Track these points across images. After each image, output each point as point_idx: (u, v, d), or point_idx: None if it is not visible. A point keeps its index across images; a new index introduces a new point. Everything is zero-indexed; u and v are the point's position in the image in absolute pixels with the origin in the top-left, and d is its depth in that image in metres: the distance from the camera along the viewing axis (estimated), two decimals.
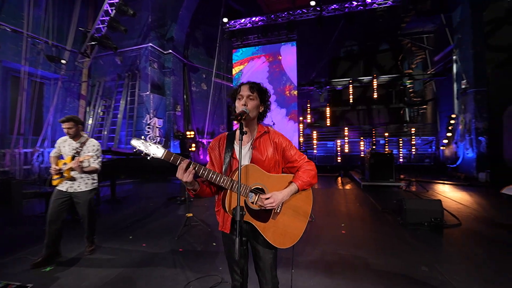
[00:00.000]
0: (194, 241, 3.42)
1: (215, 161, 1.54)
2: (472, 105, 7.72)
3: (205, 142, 11.47)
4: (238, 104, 1.44)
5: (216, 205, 1.57)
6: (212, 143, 1.60)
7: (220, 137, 1.59)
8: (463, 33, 8.14)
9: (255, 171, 1.38)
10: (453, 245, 3.18)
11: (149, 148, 1.30)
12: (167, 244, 3.33)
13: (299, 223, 1.44)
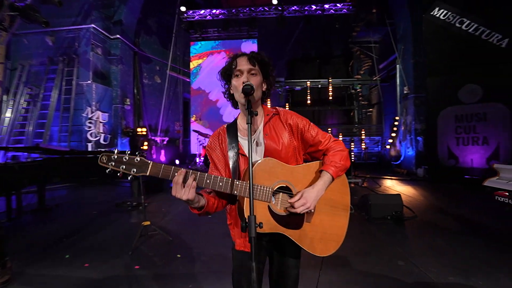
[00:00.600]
0: (154, 255, 2.88)
1: (218, 163, 1.18)
2: (412, 109, 8.71)
3: (159, 140, 10.46)
4: (237, 83, 1.10)
5: (228, 218, 1.22)
6: (211, 141, 1.24)
7: (218, 132, 1.24)
8: (405, 44, 9.13)
9: (275, 166, 1.07)
10: (417, 236, 3.36)
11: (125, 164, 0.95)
12: (119, 262, 2.72)
13: (340, 219, 1.17)
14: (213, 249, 3.03)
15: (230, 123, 1.24)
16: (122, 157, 0.94)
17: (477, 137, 6.59)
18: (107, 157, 0.94)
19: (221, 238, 3.34)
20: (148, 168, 0.95)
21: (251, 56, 1.10)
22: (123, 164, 0.94)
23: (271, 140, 1.13)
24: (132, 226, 3.85)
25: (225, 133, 1.20)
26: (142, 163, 0.95)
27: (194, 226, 3.86)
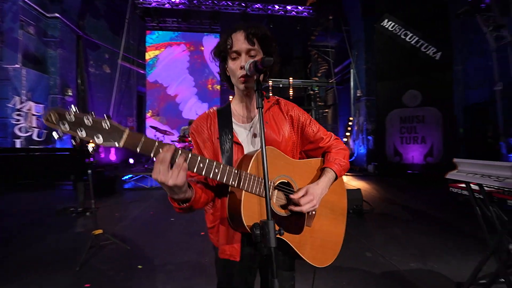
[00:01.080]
0: (109, 268, 2.49)
1: (204, 150, 1.00)
2: (364, 110, 9.51)
3: None
4: (234, 66, 0.93)
5: (210, 220, 1.03)
6: (197, 123, 1.04)
7: (207, 115, 1.05)
8: (358, 51, 9.91)
9: (277, 157, 0.93)
10: (377, 228, 3.61)
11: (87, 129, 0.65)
12: (65, 280, 2.27)
13: (338, 225, 1.07)
14: (180, 256, 2.76)
15: (222, 107, 1.07)
16: (83, 118, 0.64)
17: (417, 137, 7.49)
18: (58, 115, 0.62)
19: (188, 242, 3.08)
20: (123, 137, 0.67)
21: (250, 33, 0.92)
22: (84, 127, 0.64)
23: (271, 130, 1.00)
24: (78, 237, 3.29)
25: (215, 117, 1.02)
26: (114, 129, 0.67)
27: (155, 231, 3.49)
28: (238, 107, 1.05)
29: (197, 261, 2.62)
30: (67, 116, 0.62)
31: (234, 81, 0.98)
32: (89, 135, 0.64)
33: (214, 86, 10.71)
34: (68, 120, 0.63)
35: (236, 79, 0.94)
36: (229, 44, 0.93)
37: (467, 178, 1.84)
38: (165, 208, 4.66)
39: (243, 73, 0.90)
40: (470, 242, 2.94)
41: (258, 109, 0.79)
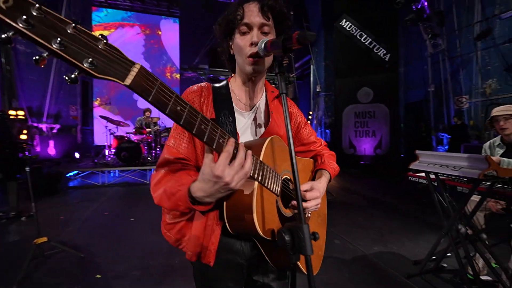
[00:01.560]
0: (59, 282, 2.13)
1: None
2: (323, 105, 10.03)
3: (45, 128, 8.05)
4: (243, 42, 0.79)
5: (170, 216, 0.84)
6: (187, 97, 0.85)
7: (200, 89, 0.87)
8: (318, 48, 10.33)
9: (282, 149, 0.83)
10: (341, 216, 3.84)
11: (68, 39, 0.40)
12: None
13: (323, 229, 1.04)
14: (146, 259, 2.51)
15: (217, 85, 0.91)
16: (65, 22, 0.40)
17: (368, 131, 8.22)
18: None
19: (154, 243, 2.83)
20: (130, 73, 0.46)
21: (265, 4, 0.79)
22: (65, 36, 0.39)
23: (275, 122, 0.89)
24: (13, 247, 2.75)
25: (210, 94, 0.86)
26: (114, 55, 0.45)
27: (113, 234, 3.13)
28: (239, 91, 0.91)
29: (167, 264, 2.42)
30: (32, 11, 0.37)
31: (240, 61, 0.84)
32: (69, 52, 0.39)
33: (173, 75, 10.02)
34: (35, 16, 0.37)
35: (243, 58, 0.81)
36: (239, 15, 0.79)
37: (427, 168, 2.04)
38: (122, 207, 4.23)
39: (253, 51, 0.78)
40: (418, 224, 3.34)
41: (282, 94, 0.69)
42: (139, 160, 6.19)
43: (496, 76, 7.82)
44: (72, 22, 0.40)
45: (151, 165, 6.23)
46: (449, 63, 8.75)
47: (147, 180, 6.13)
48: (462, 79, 8.61)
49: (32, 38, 0.37)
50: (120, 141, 6.11)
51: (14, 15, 0.35)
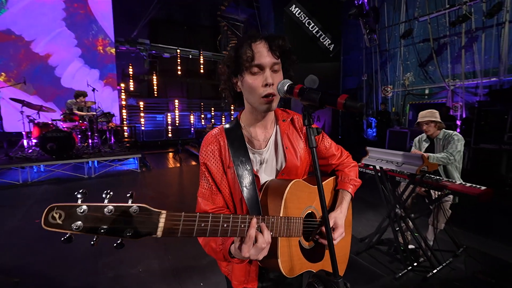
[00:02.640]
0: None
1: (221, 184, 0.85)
2: None
3: None
4: (255, 82, 0.77)
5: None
6: (208, 149, 0.86)
7: (216, 138, 0.87)
8: (268, 31, 10.28)
9: (302, 189, 0.86)
10: None
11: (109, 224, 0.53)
12: None
13: (347, 237, 1.08)
14: (105, 272, 2.29)
15: (229, 127, 0.90)
16: (102, 210, 0.50)
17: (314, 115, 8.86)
18: (65, 213, 0.49)
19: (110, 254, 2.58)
20: (159, 221, 0.55)
21: (274, 44, 0.78)
22: (105, 222, 0.51)
23: (290, 155, 0.90)
24: None
25: (225, 139, 0.86)
26: (145, 214, 0.54)
27: (51, 246, 2.71)
28: (252, 128, 0.90)
29: (133, 274, 2.27)
30: (77, 213, 0.49)
31: (252, 100, 0.81)
32: (113, 231, 0.52)
33: (107, 49, 8.60)
34: (80, 216, 0.50)
35: (257, 98, 0.79)
36: (249, 56, 0.75)
37: (377, 163, 2.38)
38: None
39: (268, 91, 0.77)
40: (361, 205, 3.90)
41: (312, 148, 0.69)
42: (72, 151, 5.33)
43: (413, 70, 9.28)
44: (107, 206, 0.51)
45: (88, 157, 5.44)
46: (379, 56, 9.95)
47: (84, 174, 5.37)
48: (389, 71, 9.94)
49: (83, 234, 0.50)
50: (45, 130, 5.09)
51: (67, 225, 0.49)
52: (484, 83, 7.29)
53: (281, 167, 0.90)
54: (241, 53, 0.77)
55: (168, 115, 10.01)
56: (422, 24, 8.57)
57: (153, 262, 2.43)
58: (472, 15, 7.04)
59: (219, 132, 0.88)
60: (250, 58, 0.76)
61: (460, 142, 2.42)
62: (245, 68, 0.78)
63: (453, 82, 8.01)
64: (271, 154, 0.91)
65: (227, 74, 0.84)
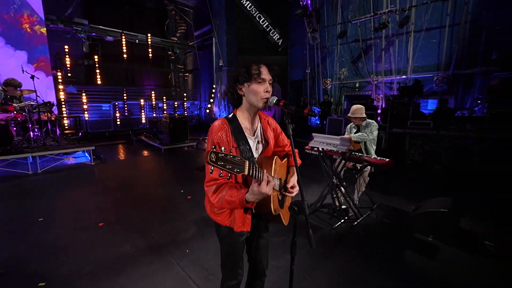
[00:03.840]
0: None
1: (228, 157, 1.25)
2: (226, 79, 10.56)
3: None
4: (259, 89, 1.25)
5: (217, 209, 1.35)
6: (219, 135, 1.26)
7: (222, 126, 1.28)
8: (219, 20, 10.39)
9: (277, 163, 1.38)
10: None
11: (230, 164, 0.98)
12: None
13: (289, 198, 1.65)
14: (90, 254, 2.51)
15: (230, 118, 1.33)
16: (227, 156, 0.96)
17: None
18: (216, 155, 0.93)
19: (90, 238, 2.77)
20: (245, 166, 1.01)
21: (271, 69, 1.29)
22: (228, 163, 0.95)
23: (267, 142, 1.43)
24: None
25: (229, 128, 1.28)
26: (241, 161, 1.00)
27: (24, 232, 2.73)
28: (245, 121, 1.36)
29: (122, 251, 2.54)
30: (220, 156, 0.95)
31: (253, 99, 1.28)
32: (231, 169, 0.96)
33: (36, 28, 7.48)
34: (221, 158, 0.95)
35: (258, 98, 1.26)
36: (257, 72, 1.24)
37: (320, 145, 3.13)
38: (12, 209, 3.48)
39: (266, 96, 1.26)
40: (307, 180, 4.76)
41: (289, 136, 1.23)
42: (10, 146, 4.82)
43: (346, 66, 10.76)
44: (230, 155, 0.96)
45: (31, 151, 4.99)
46: (320, 52, 11.17)
47: (28, 170, 4.94)
48: (328, 65, 11.28)
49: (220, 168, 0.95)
50: None
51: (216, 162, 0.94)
52: (398, 80, 9.09)
53: (262, 149, 1.42)
54: (251, 70, 1.24)
55: (116, 104, 9.37)
56: (354, 26, 9.97)
57: (139, 241, 2.73)
58: (389, 24, 8.60)
59: (224, 122, 1.30)
60: (258, 73, 1.23)
61: (375, 127, 3.33)
62: (254, 79, 1.24)
63: (376, 78, 9.69)
64: (256, 139, 1.41)
65: (237, 80, 1.29)
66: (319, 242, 2.74)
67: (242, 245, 1.42)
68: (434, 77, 8.31)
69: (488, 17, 7.14)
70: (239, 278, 1.45)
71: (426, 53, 8.45)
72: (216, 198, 1.22)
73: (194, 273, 2.24)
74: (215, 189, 1.21)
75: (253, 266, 1.56)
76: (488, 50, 7.24)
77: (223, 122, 1.31)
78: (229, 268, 1.44)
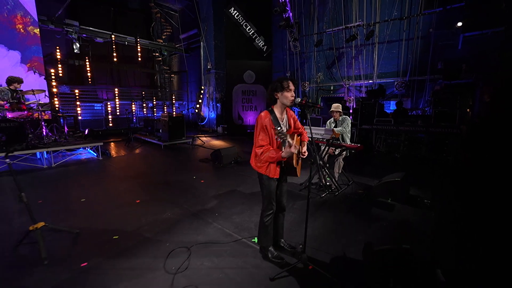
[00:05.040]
0: (82, 252, 2.58)
1: (269, 134, 2.16)
2: (214, 81, 11.30)
3: None
4: (289, 94, 2.17)
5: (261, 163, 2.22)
6: (266, 121, 2.15)
7: (267, 115, 2.18)
8: (208, 26, 11.10)
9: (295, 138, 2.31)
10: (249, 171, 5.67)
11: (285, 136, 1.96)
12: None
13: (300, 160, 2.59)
14: (139, 222, 3.23)
15: (270, 111, 2.22)
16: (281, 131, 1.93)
17: (252, 106, 10.51)
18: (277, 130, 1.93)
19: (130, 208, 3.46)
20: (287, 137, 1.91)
21: (293, 84, 2.19)
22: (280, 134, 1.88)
23: (290, 126, 2.35)
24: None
25: (270, 116, 2.19)
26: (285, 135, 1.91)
27: (77, 207, 3.35)
28: (279, 113, 2.26)
29: (165, 217, 3.28)
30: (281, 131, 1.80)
31: (285, 101, 2.18)
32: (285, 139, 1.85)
33: (29, 29, 7.62)
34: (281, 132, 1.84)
35: (288, 100, 2.17)
36: (286, 85, 2.14)
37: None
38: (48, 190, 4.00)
39: (292, 98, 2.18)
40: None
41: (309, 119, 2.16)
42: (26, 142, 5.18)
43: (322, 70, 12.05)
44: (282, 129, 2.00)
45: (44, 147, 5.38)
46: (299, 57, 12.36)
47: (43, 164, 5.33)
48: (306, 70, 12.50)
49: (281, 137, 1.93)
50: None
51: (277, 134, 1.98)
52: (365, 84, 10.55)
53: (286, 130, 2.35)
54: (283, 84, 2.15)
55: (108, 104, 9.65)
56: (328, 36, 11.28)
57: (176, 210, 3.49)
58: (358, 36, 10.00)
59: (267, 113, 2.19)
60: (287, 86, 2.14)
61: (349, 122, 4.40)
62: (285, 89, 2.15)
63: (348, 82, 11.08)
64: (285, 123, 2.33)
65: (272, 91, 2.19)
66: (309, 206, 3.72)
67: (274, 187, 2.32)
68: (394, 82, 9.86)
69: (434, 35, 8.78)
70: (273, 209, 2.35)
71: (388, 62, 9.98)
72: (263, 155, 2.12)
73: (226, 226, 3.08)
74: (263, 150, 2.11)
75: (278, 203, 2.47)
76: (435, 61, 8.89)
77: (267, 113, 2.21)
78: (267, 202, 2.33)
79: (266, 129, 2.17)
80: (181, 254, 2.50)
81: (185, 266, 2.31)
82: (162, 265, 2.32)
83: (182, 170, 5.52)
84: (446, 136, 6.47)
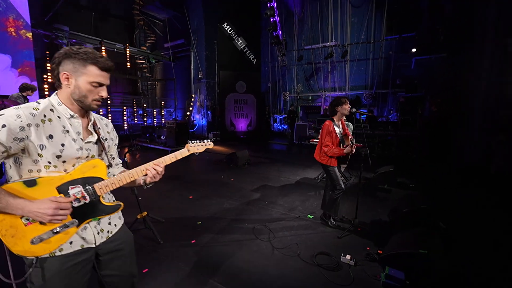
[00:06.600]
0: (176, 234, 3.12)
1: (332, 136, 3.06)
2: (205, 90, 11.82)
3: None
4: (347, 106, 3.12)
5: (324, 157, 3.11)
6: (331, 128, 3.07)
7: (331, 123, 3.10)
8: (198, 38, 11.65)
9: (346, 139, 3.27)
10: (255, 169, 6.48)
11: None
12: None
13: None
14: (202, 206, 3.82)
15: (331, 119, 3.15)
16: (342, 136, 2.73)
17: (243, 113, 11.30)
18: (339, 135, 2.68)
19: (216, 193, 4.01)
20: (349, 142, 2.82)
21: (348, 98, 3.18)
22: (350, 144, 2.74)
23: (345, 130, 3.30)
24: None
25: (333, 124, 3.12)
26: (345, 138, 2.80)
27: (167, 196, 3.78)
28: (338, 122, 3.21)
29: (225, 207, 3.91)
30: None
31: (344, 111, 3.13)
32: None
33: (21, 32, 7.29)
34: None
35: (346, 112, 3.12)
36: (345, 102, 3.11)
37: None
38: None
39: (348, 110, 3.14)
40: (296, 165, 6.72)
41: (362, 125, 3.13)
42: None
43: (301, 82, 13.49)
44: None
45: None
46: (281, 69, 13.64)
47: None
48: (287, 81, 13.82)
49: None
50: None
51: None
52: (340, 95, 12.23)
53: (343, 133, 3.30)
54: (342, 100, 3.11)
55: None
56: (307, 51, 12.79)
57: (230, 201, 4.13)
58: (334, 54, 11.66)
59: (331, 122, 3.13)
60: (345, 101, 3.11)
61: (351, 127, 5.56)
62: (344, 103, 3.11)
63: (324, 93, 12.66)
64: (340, 128, 3.28)
65: (334, 106, 3.13)
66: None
67: (338, 172, 3.24)
68: (363, 94, 11.70)
69: (394, 56, 10.82)
70: (342, 186, 3.24)
71: (358, 77, 11.82)
72: (330, 151, 3.05)
73: (279, 209, 3.87)
74: (330, 147, 3.03)
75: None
76: (394, 78, 10.92)
77: (330, 122, 3.15)
78: (336, 182, 3.22)
79: (331, 133, 3.09)
80: (262, 229, 3.22)
81: (272, 236, 3.05)
82: (254, 237, 3.02)
83: (206, 171, 6.06)
84: (410, 138, 8.20)
